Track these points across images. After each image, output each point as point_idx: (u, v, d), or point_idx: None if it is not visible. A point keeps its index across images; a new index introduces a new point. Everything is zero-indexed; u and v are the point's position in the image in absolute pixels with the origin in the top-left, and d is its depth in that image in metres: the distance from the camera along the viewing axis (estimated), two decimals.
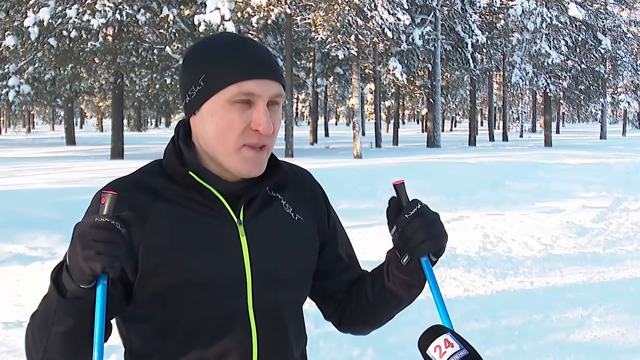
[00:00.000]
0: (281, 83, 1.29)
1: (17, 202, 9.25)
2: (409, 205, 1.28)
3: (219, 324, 1.27)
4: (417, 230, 1.25)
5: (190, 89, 1.28)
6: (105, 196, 1.13)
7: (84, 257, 1.07)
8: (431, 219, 1.27)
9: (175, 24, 21.54)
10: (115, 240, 1.09)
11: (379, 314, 1.45)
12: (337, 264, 1.47)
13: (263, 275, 1.30)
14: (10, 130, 68.45)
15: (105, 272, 1.08)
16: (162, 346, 1.27)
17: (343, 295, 1.47)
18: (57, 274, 1.15)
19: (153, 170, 1.34)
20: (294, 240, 1.37)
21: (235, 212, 1.31)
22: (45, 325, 1.17)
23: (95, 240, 1.07)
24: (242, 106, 1.24)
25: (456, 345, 1.13)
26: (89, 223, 1.09)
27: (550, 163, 19.74)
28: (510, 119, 62.58)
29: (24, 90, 22.10)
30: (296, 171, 1.46)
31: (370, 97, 38.86)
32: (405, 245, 1.27)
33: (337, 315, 1.50)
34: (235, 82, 1.23)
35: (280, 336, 1.33)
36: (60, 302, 1.13)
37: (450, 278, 6.49)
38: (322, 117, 57.04)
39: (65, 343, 1.17)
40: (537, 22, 30.07)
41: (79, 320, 1.15)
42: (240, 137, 1.25)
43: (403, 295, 1.39)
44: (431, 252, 1.28)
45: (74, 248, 1.09)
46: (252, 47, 1.29)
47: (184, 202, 1.28)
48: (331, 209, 1.49)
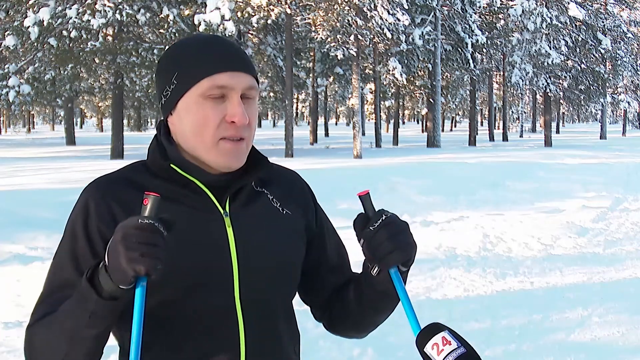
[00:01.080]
0: (254, 76, 1.30)
1: (17, 202, 9.25)
2: (375, 217, 1.26)
3: (207, 319, 1.26)
4: (383, 242, 1.23)
5: (165, 89, 1.29)
6: (148, 197, 1.12)
7: (128, 259, 1.07)
8: (397, 230, 1.24)
9: (175, 24, 21.53)
10: (158, 242, 1.09)
11: (364, 321, 1.44)
12: (324, 263, 1.46)
13: (250, 268, 1.29)
14: (10, 130, 68.43)
15: (148, 274, 1.08)
16: (151, 344, 1.26)
17: (331, 297, 1.46)
18: (92, 274, 1.14)
19: (137, 168, 1.34)
20: (282, 233, 1.36)
21: (221, 204, 1.31)
22: (76, 329, 1.15)
23: (140, 242, 1.07)
24: (216, 100, 1.25)
25: (454, 343, 1.13)
26: (134, 225, 1.09)
27: (550, 163, 19.74)
28: (510, 119, 62.55)
29: (24, 90, 22.08)
30: (284, 171, 1.46)
31: (370, 97, 38.84)
32: (373, 257, 1.26)
33: (326, 318, 1.49)
34: (207, 75, 1.25)
35: (270, 332, 1.32)
36: (99, 302, 1.12)
37: (450, 278, 6.49)
38: (322, 117, 57.03)
39: (94, 345, 1.17)
40: (537, 22, 30.06)
41: (112, 322, 1.16)
42: (217, 130, 1.25)
43: (381, 305, 1.39)
44: (399, 264, 1.25)
45: (116, 248, 1.08)
46: (222, 42, 1.31)
47: (169, 196, 1.27)
48: (319, 208, 1.49)
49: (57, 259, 1.28)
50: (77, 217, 1.27)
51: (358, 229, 1.28)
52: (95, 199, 1.27)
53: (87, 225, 1.25)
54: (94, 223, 1.25)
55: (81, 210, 1.27)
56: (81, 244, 1.25)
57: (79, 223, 1.26)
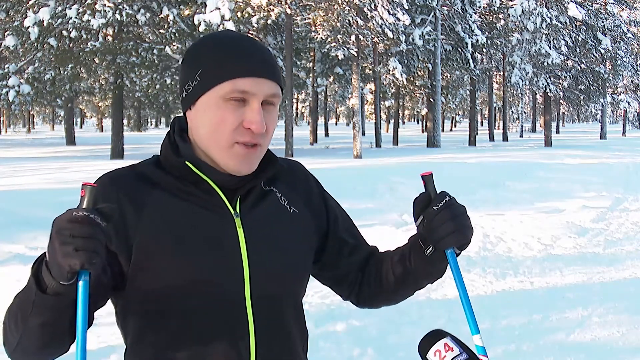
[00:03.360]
0: (278, 83, 1.29)
1: (17, 202, 9.25)
2: (438, 197, 1.29)
3: (217, 317, 1.26)
4: (445, 223, 1.26)
5: (187, 84, 1.28)
6: (85, 188, 1.08)
7: (62, 254, 1.03)
8: (459, 212, 1.27)
9: (175, 24, 21.54)
10: (95, 235, 1.04)
11: (399, 294, 1.49)
12: (343, 249, 1.47)
13: (261, 267, 1.29)
14: (10, 130, 68.41)
15: (84, 268, 1.04)
16: (157, 338, 1.26)
17: (356, 274, 1.48)
18: (38, 267, 1.11)
19: (150, 163, 1.34)
20: (291, 232, 1.37)
21: (232, 205, 1.31)
22: (22, 316, 1.14)
23: (74, 235, 1.03)
24: (236, 103, 1.24)
25: (456, 349, 1.13)
26: (67, 217, 1.05)
27: (550, 163, 19.73)
28: (510, 119, 62.58)
29: (24, 90, 22.10)
30: (289, 164, 1.46)
31: (370, 97, 38.87)
32: (431, 237, 1.29)
33: (355, 295, 1.51)
34: (230, 79, 1.24)
35: (279, 330, 1.33)
36: (40, 296, 1.10)
37: (451, 278, 6.43)
38: (322, 117, 57.02)
39: (40, 334, 1.14)
40: (537, 22, 30.06)
41: (58, 314, 1.12)
42: (232, 134, 1.25)
43: (422, 283, 1.44)
44: (457, 245, 1.29)
45: (52, 244, 1.05)
46: (251, 45, 1.29)
47: (180, 194, 1.28)
48: (327, 195, 1.49)
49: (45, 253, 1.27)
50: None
51: (419, 207, 1.31)
52: (106, 190, 1.25)
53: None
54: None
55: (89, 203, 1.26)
56: None
57: None
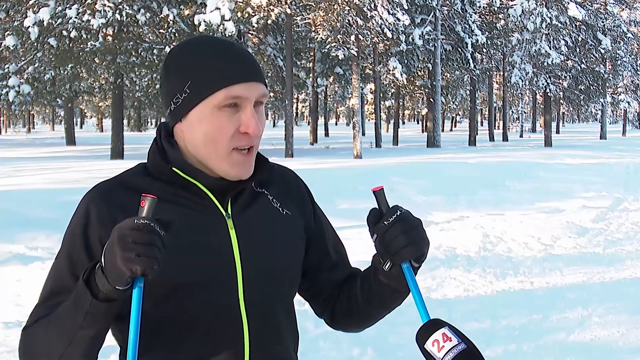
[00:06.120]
0: (264, 82, 1.30)
1: (17, 202, 9.25)
2: (389, 212, 1.27)
3: (211, 319, 1.27)
4: (398, 237, 1.24)
5: (176, 96, 1.27)
6: (145, 199, 1.13)
7: (124, 259, 1.07)
8: (411, 225, 1.26)
9: (175, 24, 21.53)
10: (155, 242, 1.09)
11: (369, 316, 1.46)
12: (324, 262, 1.47)
13: (254, 269, 1.30)
14: (10, 130, 68.39)
15: (144, 274, 1.09)
16: (153, 345, 1.26)
17: (332, 293, 1.47)
18: (89, 275, 1.15)
19: (138, 172, 1.34)
20: (283, 234, 1.37)
21: (223, 207, 1.31)
22: (70, 329, 1.16)
23: (136, 242, 1.07)
24: (230, 110, 1.25)
25: (454, 339, 1.13)
26: (129, 225, 1.09)
27: (550, 163, 19.73)
28: (510, 119, 62.59)
29: (24, 90, 22.09)
30: (281, 170, 1.47)
31: (370, 97, 38.82)
32: (386, 252, 1.27)
33: (328, 313, 1.50)
34: (223, 87, 1.24)
35: (272, 331, 1.34)
36: (94, 304, 1.13)
37: (450, 278, 6.49)
38: (322, 117, 57.01)
39: (89, 346, 1.18)
40: (537, 22, 30.06)
41: (108, 323, 1.16)
42: (230, 141, 1.25)
43: (390, 300, 1.40)
44: (412, 258, 1.27)
45: (112, 249, 1.09)
46: (234, 49, 1.29)
47: (171, 199, 1.28)
48: (316, 206, 1.49)
49: (55, 264, 1.29)
50: (77, 223, 1.27)
51: (371, 223, 1.29)
52: (96, 205, 1.27)
53: (86, 232, 1.26)
54: (95, 230, 1.25)
55: (82, 216, 1.27)
56: (79, 250, 1.25)
57: (78, 230, 1.26)
